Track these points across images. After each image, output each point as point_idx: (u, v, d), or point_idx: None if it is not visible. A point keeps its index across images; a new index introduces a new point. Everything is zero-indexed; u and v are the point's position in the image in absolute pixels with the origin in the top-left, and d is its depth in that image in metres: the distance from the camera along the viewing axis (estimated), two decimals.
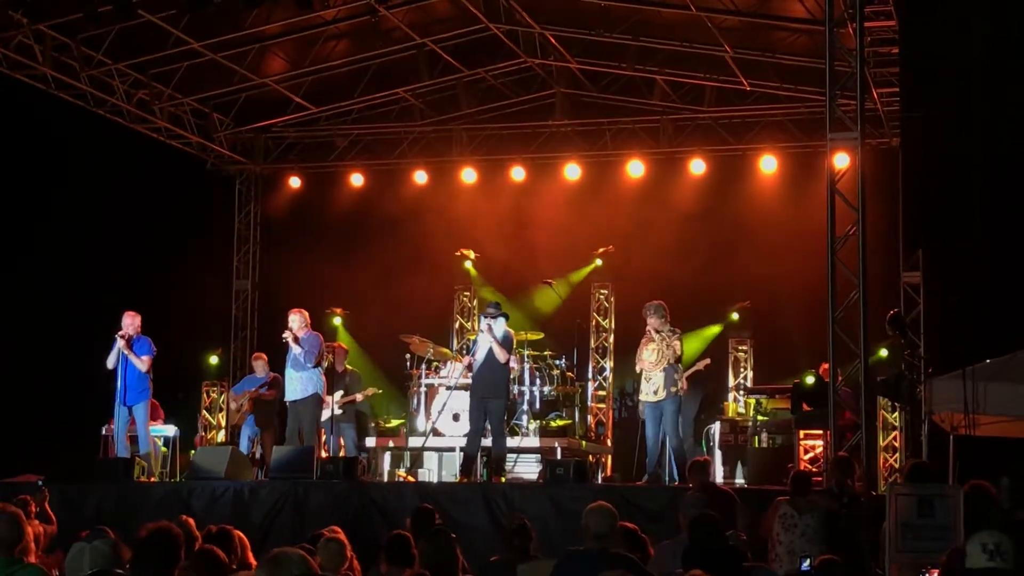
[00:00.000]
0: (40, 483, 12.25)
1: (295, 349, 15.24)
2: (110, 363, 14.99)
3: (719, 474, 16.21)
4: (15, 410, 15.84)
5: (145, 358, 14.97)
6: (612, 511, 7.63)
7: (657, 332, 14.43)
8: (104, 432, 16.37)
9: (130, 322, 15.04)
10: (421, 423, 17.12)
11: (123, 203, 19.02)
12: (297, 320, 15.40)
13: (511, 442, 15.71)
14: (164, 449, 16.86)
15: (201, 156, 21.28)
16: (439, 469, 16.89)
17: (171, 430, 16.92)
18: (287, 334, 15.28)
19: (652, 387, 14.52)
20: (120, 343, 14.87)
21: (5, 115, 18.02)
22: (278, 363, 16.52)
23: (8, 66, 17.23)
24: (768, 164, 19.84)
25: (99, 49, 17.79)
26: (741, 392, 18.99)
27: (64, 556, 10.45)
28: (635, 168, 20.32)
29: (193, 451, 16.76)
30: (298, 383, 15.32)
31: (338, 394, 16.69)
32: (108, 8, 15.34)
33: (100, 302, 17.85)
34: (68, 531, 11.13)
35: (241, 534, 8.45)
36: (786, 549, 10.55)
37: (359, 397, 17.18)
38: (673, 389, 14.51)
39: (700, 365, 16.40)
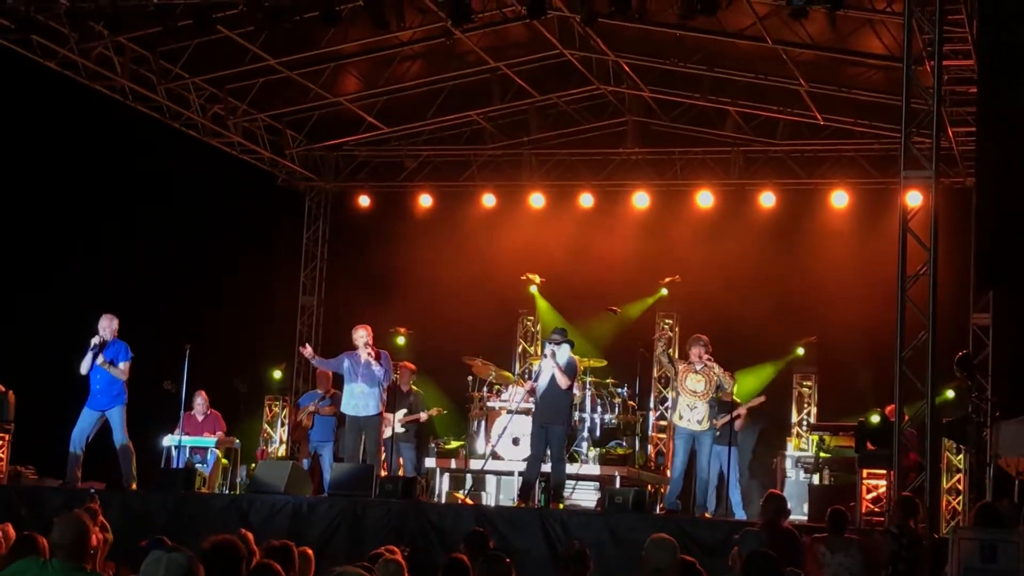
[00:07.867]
0: (93, 491, 12.26)
1: (375, 367, 14.99)
2: (84, 368, 14.55)
3: None
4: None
5: (123, 365, 14.57)
6: (674, 544, 7.55)
7: (706, 361, 14.47)
8: (166, 442, 16.47)
9: (107, 324, 14.59)
10: (481, 446, 17.11)
11: (193, 215, 19.25)
12: (366, 336, 15.14)
13: (570, 469, 15.65)
14: (225, 461, 16.96)
15: (272, 171, 21.49)
16: (497, 493, 16.89)
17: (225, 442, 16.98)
18: (370, 351, 14.97)
19: (697, 415, 14.46)
20: (95, 346, 14.47)
21: (82, 123, 18.29)
22: (337, 378, 16.52)
23: (87, 76, 17.49)
24: (839, 199, 19.73)
25: (177, 63, 18.03)
26: (804, 428, 18.81)
27: (115, 566, 10.55)
28: (704, 199, 20.25)
29: (254, 464, 16.83)
30: (371, 399, 15.03)
31: (400, 412, 16.70)
32: (187, 23, 15.53)
33: (167, 311, 18.01)
34: (127, 540, 11.23)
35: (308, 550, 8.38)
36: None
37: (423, 417, 17.14)
38: (715, 422, 14.54)
39: (755, 402, 16.31)
